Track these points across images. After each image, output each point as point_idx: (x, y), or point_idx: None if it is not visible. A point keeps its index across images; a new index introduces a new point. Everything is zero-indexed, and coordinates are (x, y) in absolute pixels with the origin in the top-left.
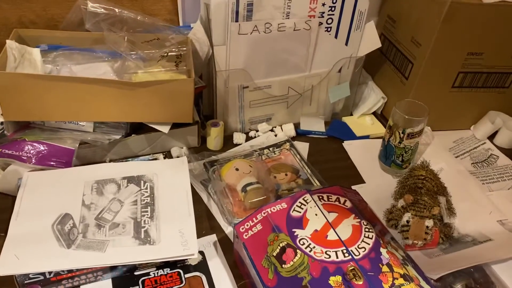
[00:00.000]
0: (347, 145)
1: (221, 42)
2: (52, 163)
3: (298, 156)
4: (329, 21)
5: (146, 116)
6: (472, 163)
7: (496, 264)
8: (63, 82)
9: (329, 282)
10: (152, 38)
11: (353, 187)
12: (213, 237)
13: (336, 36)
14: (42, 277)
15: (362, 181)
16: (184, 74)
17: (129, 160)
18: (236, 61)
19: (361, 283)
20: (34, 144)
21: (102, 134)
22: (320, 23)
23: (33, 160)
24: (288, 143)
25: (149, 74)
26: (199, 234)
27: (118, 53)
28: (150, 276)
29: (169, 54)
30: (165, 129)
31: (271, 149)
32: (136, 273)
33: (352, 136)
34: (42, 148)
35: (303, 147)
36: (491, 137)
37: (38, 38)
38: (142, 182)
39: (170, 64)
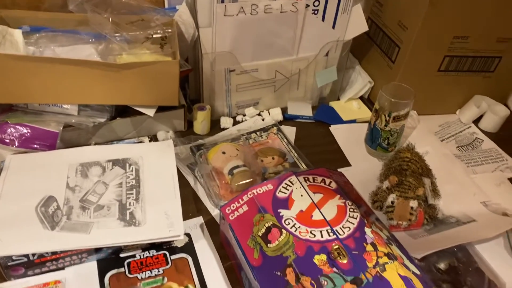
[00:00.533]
0: (334, 129)
1: (206, 24)
2: (35, 146)
3: (285, 140)
4: (316, 3)
5: (131, 99)
6: (457, 147)
7: (479, 244)
8: (46, 63)
9: (314, 260)
10: (137, 20)
11: (339, 170)
12: (200, 220)
13: (323, 19)
14: (25, 259)
15: (348, 164)
16: (169, 56)
17: (114, 143)
18: (222, 44)
19: (345, 261)
20: (17, 126)
21: (87, 117)
22: (307, 5)
23: (16, 143)
24: (275, 127)
25: (134, 56)
26: (186, 217)
27: (102, 35)
28: (135, 258)
29: (154, 36)
30: (150, 112)
31: (258, 133)
32: (121, 255)
33: (339, 120)
34: (25, 131)
35: (290, 131)
36: (476, 121)
37: (20, 19)
38: (127, 165)
39: (155, 46)
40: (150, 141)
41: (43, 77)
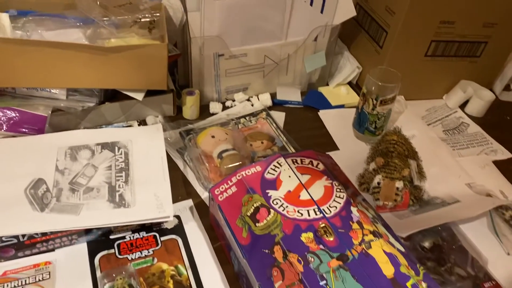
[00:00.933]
0: (323, 114)
1: (195, 7)
2: (24, 130)
3: (274, 125)
4: None
5: (120, 83)
6: (443, 131)
7: (462, 224)
8: (34, 47)
9: (301, 238)
10: (125, 3)
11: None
12: (189, 202)
13: (311, 4)
14: (15, 240)
15: (337, 148)
16: (157, 41)
17: (103, 127)
18: (211, 28)
19: (331, 239)
20: (5, 110)
21: (76, 101)
22: None
23: (5, 127)
24: (264, 112)
25: (122, 40)
26: (175, 200)
27: (90, 19)
28: (125, 240)
29: (142, 20)
30: (139, 96)
31: (247, 118)
32: (111, 237)
33: (327, 105)
34: (13, 114)
35: (279, 116)
36: (463, 106)
37: (6, 3)
38: (116, 148)
39: (143, 30)
40: (139, 125)
41: (31, 61)
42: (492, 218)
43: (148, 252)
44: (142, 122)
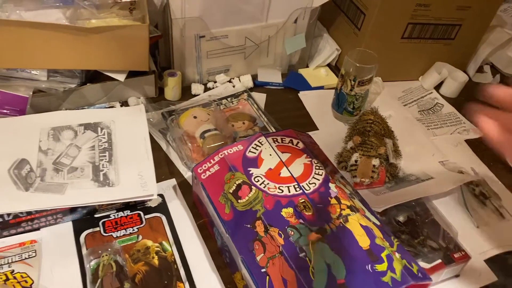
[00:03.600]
0: (303, 95)
1: None
2: (5, 111)
3: (255, 105)
4: None
5: (101, 64)
6: (419, 111)
7: (435, 199)
8: (13, 27)
9: (281, 213)
10: None
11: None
12: (173, 181)
13: None
14: (0, 219)
15: (316, 129)
16: (138, 21)
17: (85, 108)
18: (192, 9)
19: (310, 213)
20: None
21: (57, 82)
22: None
23: None
24: (245, 94)
25: (103, 21)
26: (159, 179)
27: None
28: (110, 218)
29: (123, 0)
30: (121, 77)
31: (229, 99)
32: (96, 216)
33: (307, 87)
34: None
35: (260, 98)
36: (437, 87)
37: None
38: (99, 128)
39: (124, 11)
40: (121, 106)
41: (10, 42)
42: (463, 193)
43: (133, 229)
44: (124, 103)
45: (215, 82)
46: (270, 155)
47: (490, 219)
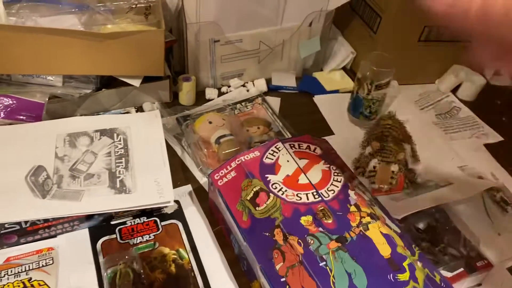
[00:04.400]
0: (318, 99)
1: None
2: (22, 117)
3: (270, 110)
4: None
5: (116, 69)
6: (436, 115)
7: (456, 206)
8: (28, 33)
9: (301, 221)
10: None
11: None
12: (188, 187)
13: None
14: (18, 227)
15: (332, 133)
16: (154, 26)
17: (100, 114)
18: (206, 14)
19: (330, 221)
20: (2, 98)
21: (72, 88)
22: None
23: (2, 114)
24: (260, 98)
25: (118, 26)
26: (174, 185)
27: (85, 5)
28: (126, 225)
29: (138, 5)
30: (136, 82)
31: (243, 103)
32: (112, 223)
33: (322, 90)
34: (10, 102)
35: (274, 102)
36: (454, 90)
37: None
38: (115, 134)
39: (140, 16)
40: (136, 112)
41: (26, 47)
42: (484, 199)
43: (149, 236)
44: (139, 109)
45: (229, 86)
46: (288, 161)
47: None
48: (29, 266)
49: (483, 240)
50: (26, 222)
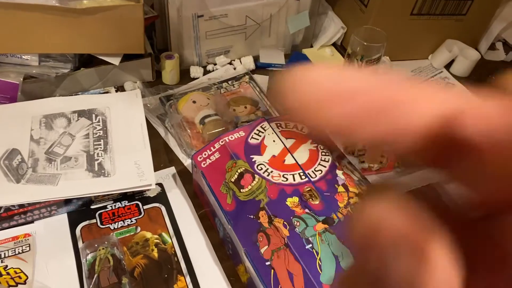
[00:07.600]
0: None
1: None
2: None
3: (257, 88)
4: None
5: (94, 47)
6: None
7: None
8: (0, 9)
9: (286, 203)
10: None
11: None
12: (172, 170)
13: None
14: None
15: None
16: (132, 1)
17: (79, 94)
18: None
19: (317, 202)
20: None
21: (49, 68)
22: None
23: None
24: (247, 76)
25: (95, 1)
26: (157, 168)
27: None
28: (107, 209)
29: None
30: (115, 61)
31: (229, 82)
32: (92, 207)
33: None
34: None
35: (262, 80)
36: (448, 66)
37: None
38: (93, 115)
39: None
40: (116, 91)
41: None
42: None
43: (131, 221)
44: (120, 88)
45: (215, 64)
46: (274, 141)
47: None
48: (4, 253)
49: None
50: (0, 207)
